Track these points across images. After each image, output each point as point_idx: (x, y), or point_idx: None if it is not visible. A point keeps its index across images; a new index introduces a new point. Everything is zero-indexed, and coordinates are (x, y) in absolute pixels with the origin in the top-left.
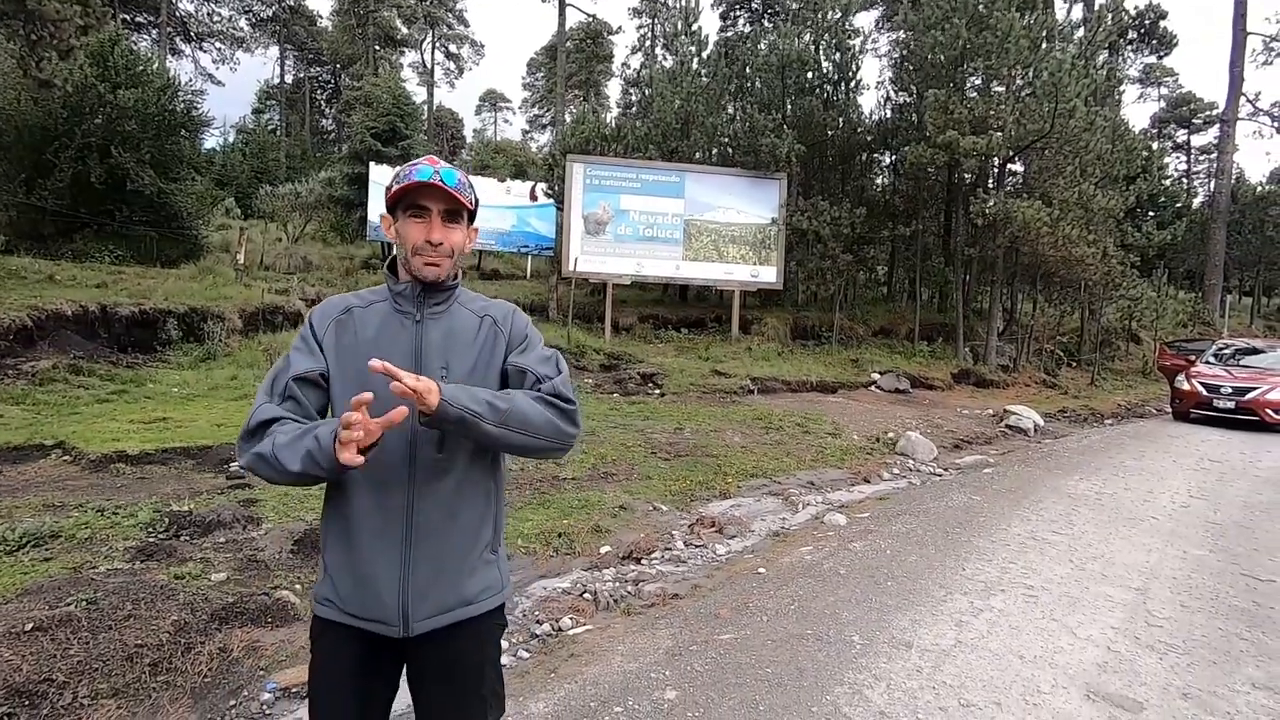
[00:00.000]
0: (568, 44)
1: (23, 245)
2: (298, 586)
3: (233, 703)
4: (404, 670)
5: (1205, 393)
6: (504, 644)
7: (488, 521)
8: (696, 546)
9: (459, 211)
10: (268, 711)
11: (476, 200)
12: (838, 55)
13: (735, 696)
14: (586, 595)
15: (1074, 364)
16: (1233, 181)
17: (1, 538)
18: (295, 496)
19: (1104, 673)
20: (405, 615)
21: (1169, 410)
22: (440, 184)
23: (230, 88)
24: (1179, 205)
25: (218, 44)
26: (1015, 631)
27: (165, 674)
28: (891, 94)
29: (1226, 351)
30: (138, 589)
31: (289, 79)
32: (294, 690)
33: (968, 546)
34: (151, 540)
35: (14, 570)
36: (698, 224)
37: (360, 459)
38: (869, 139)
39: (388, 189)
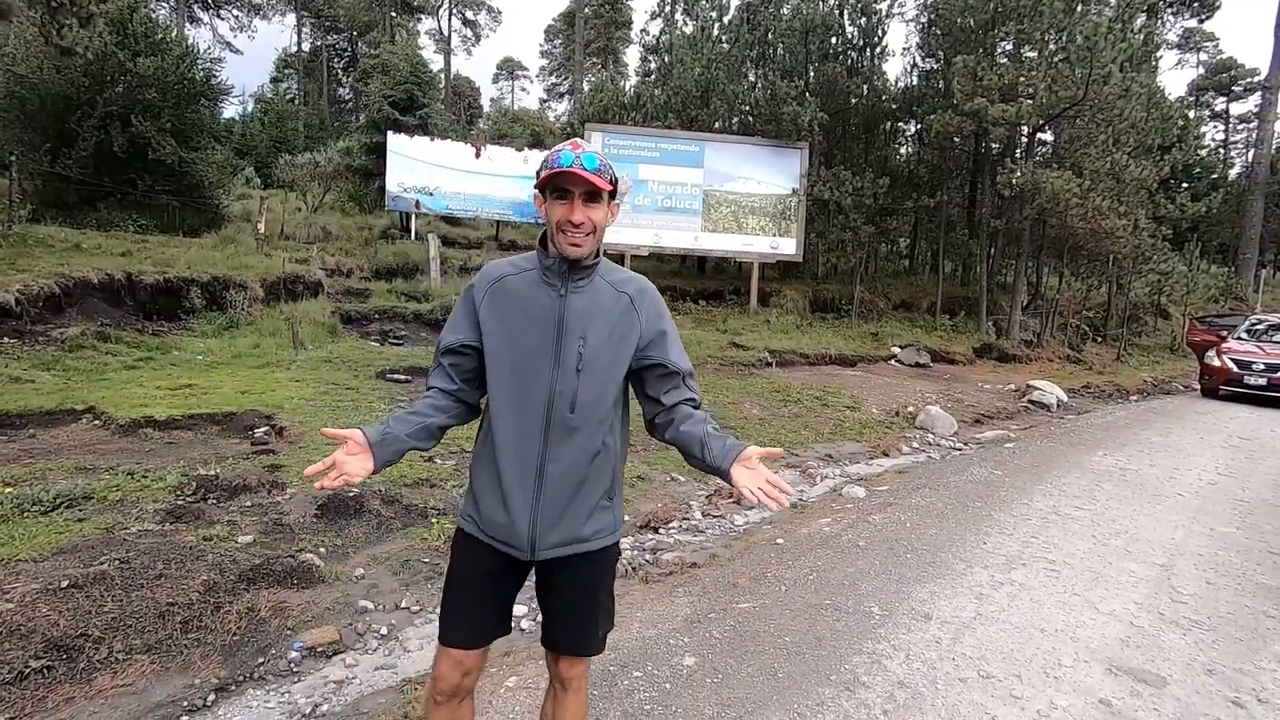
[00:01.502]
0: (586, 10)
1: (48, 214)
2: (322, 550)
3: (261, 660)
4: (532, 584)
5: (1236, 369)
6: (527, 606)
7: (606, 474)
8: (714, 516)
9: (598, 194)
10: (295, 669)
11: (616, 179)
12: (863, 20)
13: (754, 664)
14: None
15: (1100, 339)
16: (1273, 151)
17: (36, 499)
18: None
19: (1126, 647)
20: (533, 544)
21: (1197, 387)
22: (580, 171)
23: (248, 56)
24: (1215, 176)
25: (235, 11)
26: (1036, 605)
27: (196, 631)
28: (918, 60)
29: (1260, 327)
30: (168, 549)
31: (306, 47)
32: (320, 649)
33: (988, 520)
34: (180, 503)
35: (49, 530)
36: (717, 194)
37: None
38: (894, 107)
39: (538, 172)
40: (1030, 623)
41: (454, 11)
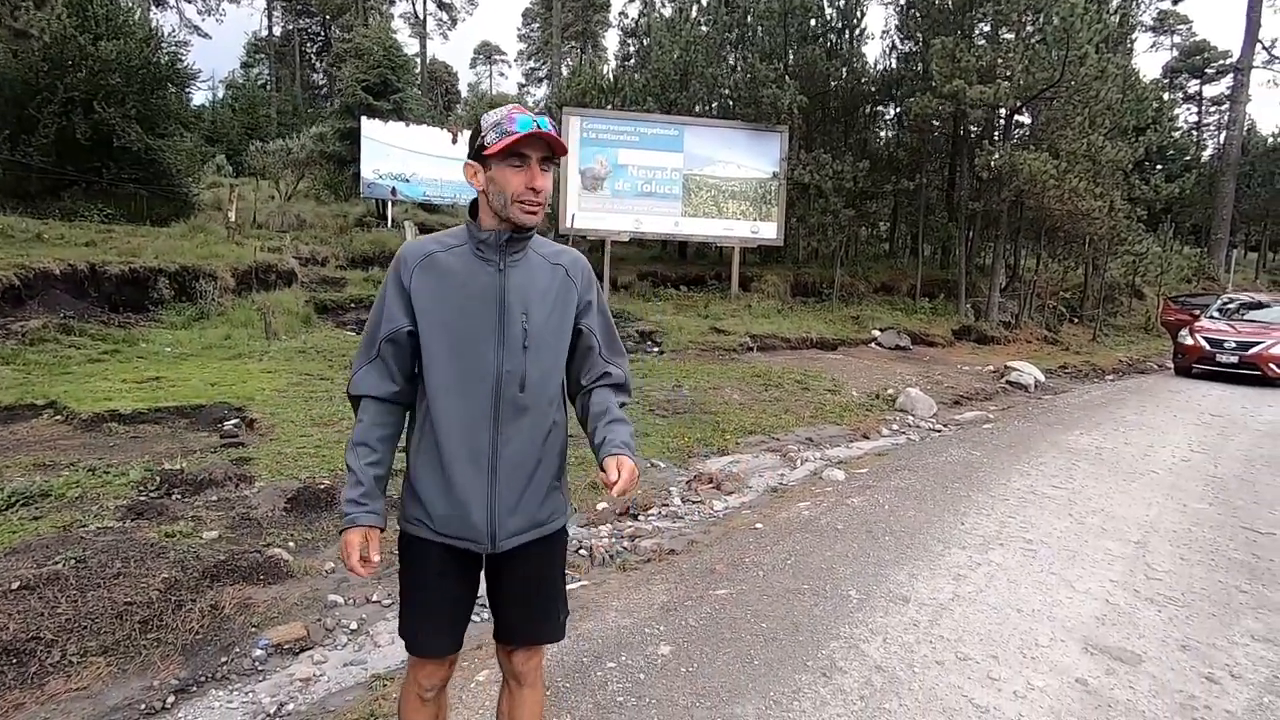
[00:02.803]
0: None
1: (9, 204)
2: (290, 544)
3: (224, 659)
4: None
5: (1208, 347)
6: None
7: (556, 453)
8: (694, 503)
9: (551, 158)
10: (260, 667)
11: (565, 147)
12: (841, 1)
13: (729, 651)
14: (582, 551)
15: (1076, 320)
16: (1244, 133)
17: None
18: (289, 455)
19: (1102, 625)
20: (493, 535)
21: (1171, 366)
22: (544, 133)
23: (218, 41)
24: (1188, 158)
25: None
26: (1013, 585)
27: (155, 631)
28: (897, 42)
29: (1231, 306)
30: (127, 547)
31: (277, 31)
32: (286, 646)
33: (966, 501)
34: (142, 499)
35: (2, 529)
36: (697, 179)
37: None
38: (873, 90)
39: (475, 138)
40: (1007, 603)
41: None
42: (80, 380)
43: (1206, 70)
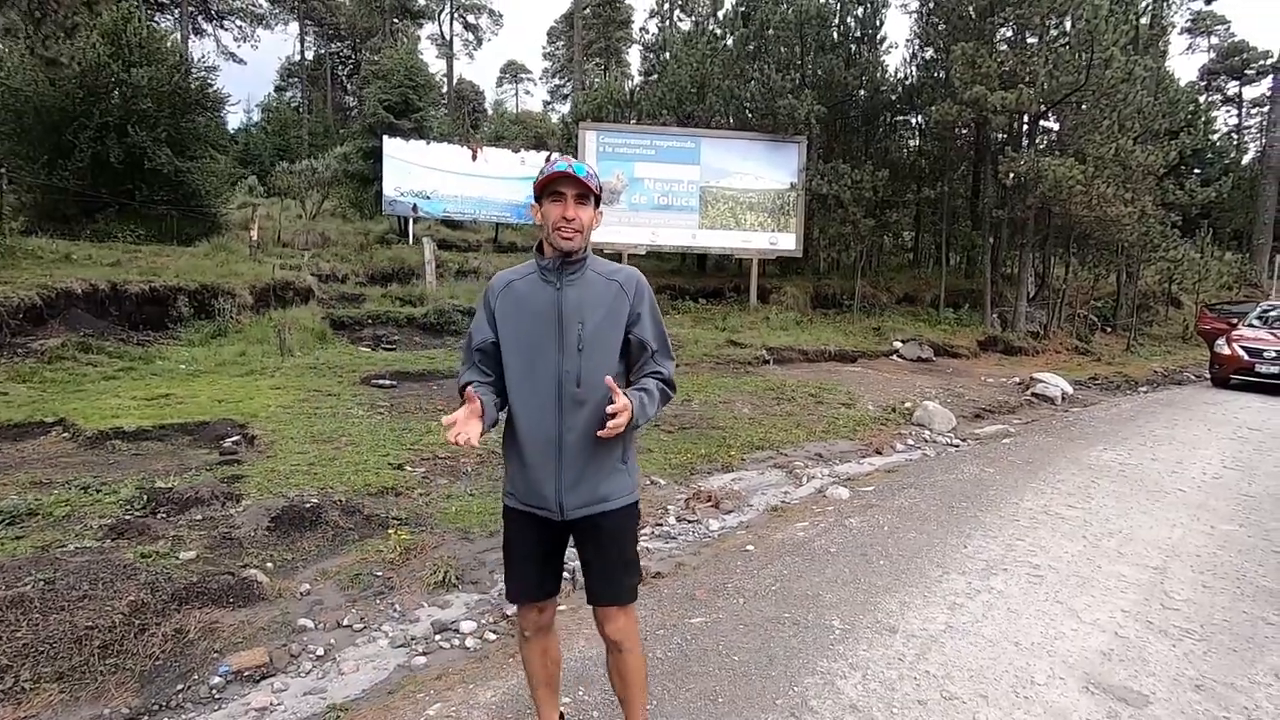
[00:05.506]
0: (585, 10)
1: (46, 226)
2: (269, 565)
3: (180, 687)
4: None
5: (1247, 357)
6: (494, 617)
7: (616, 440)
8: (689, 522)
9: (587, 195)
10: (217, 695)
11: (601, 186)
12: (860, 10)
13: (694, 687)
14: (564, 575)
15: (1109, 329)
16: None
17: None
18: (281, 473)
19: (1108, 661)
20: (561, 506)
21: (1208, 376)
22: (573, 174)
23: (253, 66)
24: (1227, 161)
25: (238, 22)
26: (1013, 615)
27: (114, 657)
28: (917, 50)
29: (1272, 314)
30: (100, 568)
31: (310, 55)
32: (247, 674)
33: (973, 522)
34: (127, 518)
35: None
36: (714, 191)
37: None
38: (893, 98)
39: (535, 181)
40: (1004, 635)
41: (454, 16)
42: (92, 398)
43: (1246, 71)
